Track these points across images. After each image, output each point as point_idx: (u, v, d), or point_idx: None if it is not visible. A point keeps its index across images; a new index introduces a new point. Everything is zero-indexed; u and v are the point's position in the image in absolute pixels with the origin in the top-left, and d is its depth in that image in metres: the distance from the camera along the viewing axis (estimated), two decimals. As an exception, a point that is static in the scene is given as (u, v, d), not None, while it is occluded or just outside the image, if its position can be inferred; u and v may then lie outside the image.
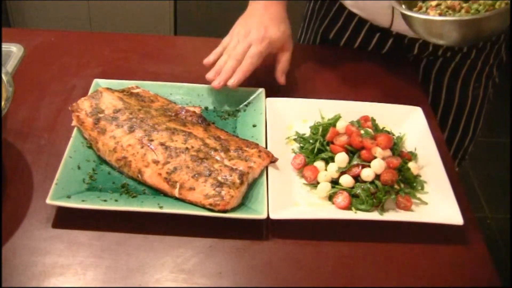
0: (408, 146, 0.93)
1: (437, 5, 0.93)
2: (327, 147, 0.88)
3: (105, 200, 0.78)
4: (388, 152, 0.86)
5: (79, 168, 0.83)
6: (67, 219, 0.78)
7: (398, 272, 0.76)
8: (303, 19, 1.35)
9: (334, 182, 0.85)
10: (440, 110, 1.21)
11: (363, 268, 0.76)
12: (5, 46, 1.11)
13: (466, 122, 1.22)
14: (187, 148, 0.84)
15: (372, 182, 0.83)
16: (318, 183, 0.85)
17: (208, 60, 1.00)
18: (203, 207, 0.79)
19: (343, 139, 0.87)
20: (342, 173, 0.85)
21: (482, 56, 1.16)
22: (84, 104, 0.91)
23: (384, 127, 0.94)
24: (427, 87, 1.20)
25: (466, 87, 1.19)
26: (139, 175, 0.82)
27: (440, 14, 0.90)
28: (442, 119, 1.22)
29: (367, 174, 0.83)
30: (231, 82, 0.95)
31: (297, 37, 1.37)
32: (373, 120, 0.94)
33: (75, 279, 0.71)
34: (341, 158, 0.85)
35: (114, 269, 0.73)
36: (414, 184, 0.86)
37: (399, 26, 1.08)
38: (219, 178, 0.81)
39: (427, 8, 0.93)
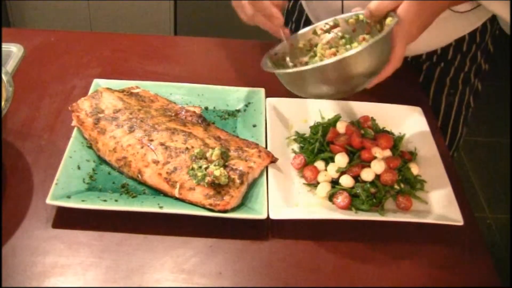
0: (408, 146, 0.93)
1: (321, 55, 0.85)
2: (327, 147, 0.88)
3: (105, 200, 0.78)
4: (388, 152, 0.86)
5: (79, 168, 0.83)
6: (67, 219, 0.78)
7: (397, 272, 0.76)
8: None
9: (334, 182, 0.85)
10: None
11: (363, 268, 0.76)
12: (5, 46, 1.11)
13: (441, 129, 1.18)
14: (187, 148, 0.84)
15: (372, 182, 0.83)
16: (318, 183, 0.85)
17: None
18: (203, 207, 0.79)
19: (343, 139, 0.87)
20: (342, 173, 0.85)
21: (455, 62, 1.13)
22: (84, 104, 0.91)
23: (384, 127, 0.94)
24: None
25: (440, 93, 1.16)
26: (139, 175, 0.82)
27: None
28: None
29: (367, 174, 0.83)
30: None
31: None
32: (373, 120, 0.94)
33: (75, 279, 0.71)
34: (341, 158, 0.85)
35: (114, 269, 0.73)
36: (414, 184, 0.86)
37: None
38: (219, 178, 0.81)
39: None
